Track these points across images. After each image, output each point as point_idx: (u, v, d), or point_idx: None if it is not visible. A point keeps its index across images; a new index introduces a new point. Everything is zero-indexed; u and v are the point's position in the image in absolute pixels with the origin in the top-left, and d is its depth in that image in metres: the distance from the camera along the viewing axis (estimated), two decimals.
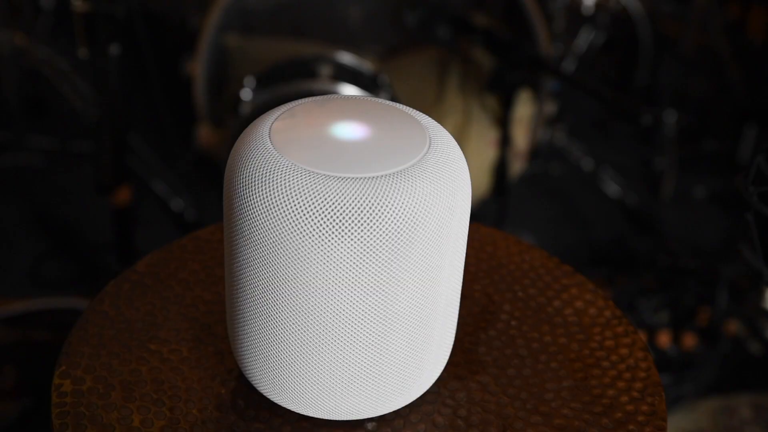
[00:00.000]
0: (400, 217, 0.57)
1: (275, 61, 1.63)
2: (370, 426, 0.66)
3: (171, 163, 1.86)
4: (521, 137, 1.82)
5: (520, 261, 0.81)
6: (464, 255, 0.66)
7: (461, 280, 0.67)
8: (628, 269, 1.76)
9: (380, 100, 0.66)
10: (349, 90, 1.54)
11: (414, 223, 0.58)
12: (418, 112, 0.66)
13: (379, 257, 0.58)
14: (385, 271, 0.58)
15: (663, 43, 2.25)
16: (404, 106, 0.66)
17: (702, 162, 2.15)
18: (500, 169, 1.76)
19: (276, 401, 0.65)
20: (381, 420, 0.66)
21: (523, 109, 1.81)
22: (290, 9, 1.97)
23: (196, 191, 1.86)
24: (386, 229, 0.57)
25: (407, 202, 0.58)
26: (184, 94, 1.77)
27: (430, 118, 0.65)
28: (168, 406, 0.66)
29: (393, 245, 0.58)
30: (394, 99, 1.63)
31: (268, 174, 0.58)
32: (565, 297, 0.78)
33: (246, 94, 1.57)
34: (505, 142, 1.75)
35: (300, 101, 0.65)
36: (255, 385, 0.65)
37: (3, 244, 1.80)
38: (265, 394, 0.65)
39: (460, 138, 1.81)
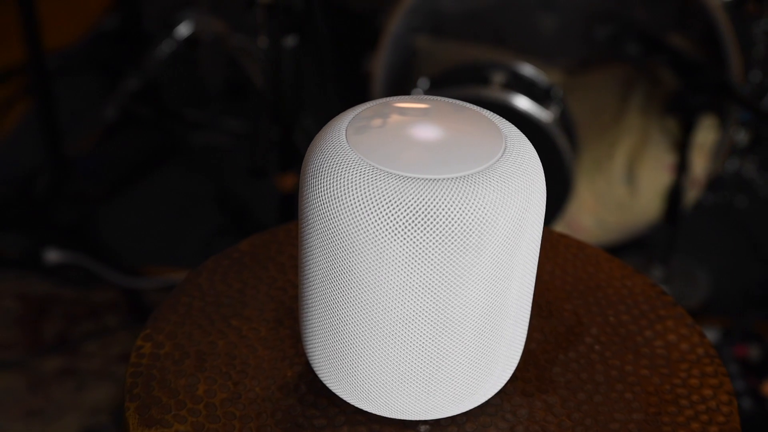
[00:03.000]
0: (456, 223, 0.57)
1: (450, 65, 1.64)
2: (422, 429, 0.66)
3: None
4: (700, 165, 1.74)
5: (620, 285, 0.78)
6: (535, 269, 0.65)
7: (532, 294, 0.66)
8: None
9: (468, 105, 0.66)
10: (518, 100, 1.53)
11: (472, 231, 0.57)
12: (502, 119, 0.65)
13: (432, 261, 0.58)
14: (438, 276, 0.58)
15: None
16: (489, 113, 0.65)
17: None
18: (674, 195, 1.69)
19: (332, 389, 0.66)
20: (436, 424, 0.66)
21: (706, 136, 1.74)
22: (484, 15, 1.98)
23: None
24: (440, 233, 0.57)
25: (466, 208, 0.57)
26: (364, 91, 1.81)
27: (513, 126, 0.64)
28: (234, 381, 0.68)
29: (448, 251, 0.57)
30: (564, 112, 1.60)
31: (333, 166, 0.60)
32: (658, 328, 0.74)
33: (417, 94, 1.59)
34: (681, 168, 1.68)
35: (386, 99, 0.66)
36: (315, 371, 0.67)
37: (183, 217, 1.91)
38: (323, 381, 0.66)
39: (635, 159, 1.75)
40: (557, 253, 0.81)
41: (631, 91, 1.84)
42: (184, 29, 1.86)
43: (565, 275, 0.79)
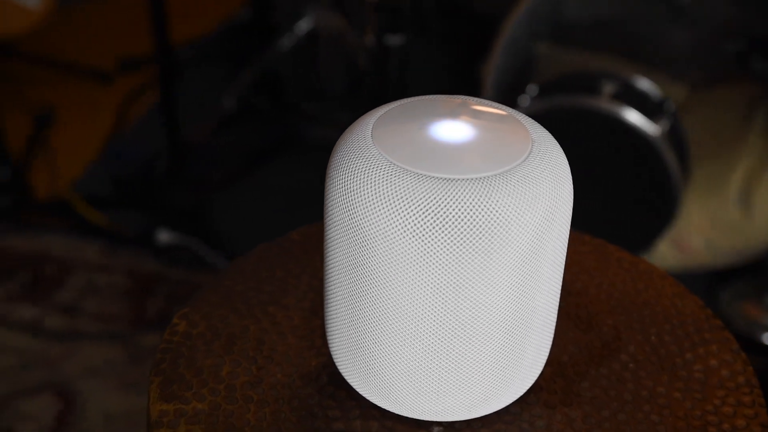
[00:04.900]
0: (468, 225, 0.56)
1: (561, 72, 1.62)
2: (436, 430, 0.65)
3: None
4: None
5: (669, 305, 0.76)
6: (561, 277, 0.63)
7: (557, 303, 0.64)
8: None
9: (501, 107, 0.65)
10: (626, 112, 1.49)
11: (485, 235, 0.57)
12: (534, 122, 0.63)
13: (442, 262, 0.57)
14: (449, 278, 0.58)
15: None
16: (523, 116, 0.64)
17: None
18: None
19: (350, 382, 0.66)
20: (450, 426, 0.65)
21: None
22: (610, 26, 1.93)
23: None
24: (451, 234, 0.56)
25: (479, 210, 0.56)
26: (474, 94, 1.80)
27: (544, 130, 0.63)
28: (258, 365, 0.69)
29: (458, 253, 0.57)
30: (675, 127, 1.55)
31: (353, 160, 0.60)
32: (700, 351, 0.71)
33: (524, 101, 1.57)
34: None
35: (419, 98, 0.66)
36: (335, 363, 0.67)
37: (292, 209, 1.95)
38: (341, 373, 0.67)
39: (752, 181, 1.68)
40: (608, 266, 0.79)
41: (755, 111, 1.76)
42: (304, 24, 1.90)
43: (613, 289, 0.77)
